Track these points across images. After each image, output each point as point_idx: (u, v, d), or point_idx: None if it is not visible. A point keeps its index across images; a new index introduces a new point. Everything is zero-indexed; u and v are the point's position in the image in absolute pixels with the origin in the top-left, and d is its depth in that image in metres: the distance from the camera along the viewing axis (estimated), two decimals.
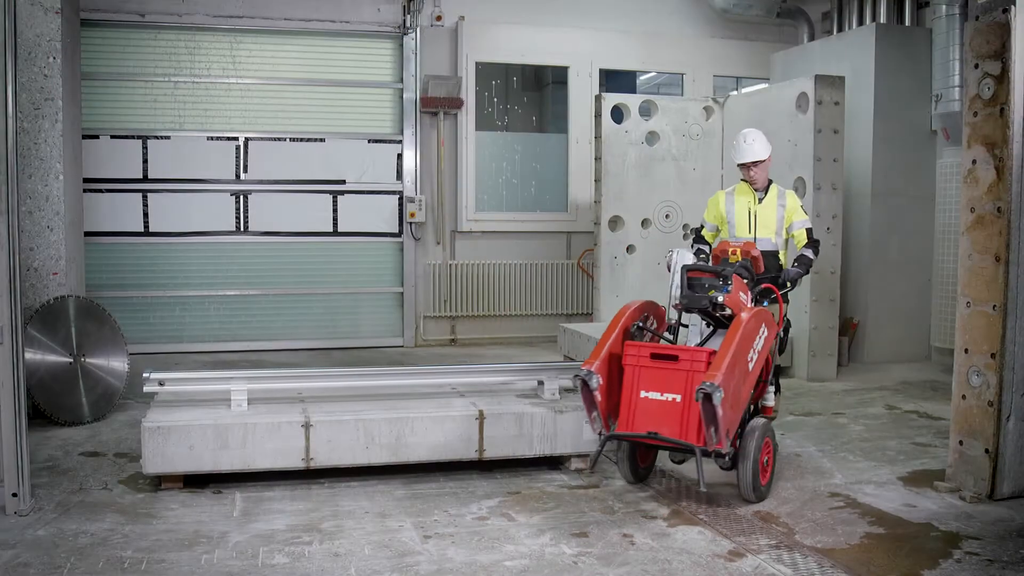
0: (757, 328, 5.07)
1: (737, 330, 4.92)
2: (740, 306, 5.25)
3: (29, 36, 7.24)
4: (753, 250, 5.66)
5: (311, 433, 5.34)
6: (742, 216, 6.29)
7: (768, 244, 6.19)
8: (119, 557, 4.26)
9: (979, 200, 5.22)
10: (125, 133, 10.00)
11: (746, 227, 6.26)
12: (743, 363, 4.89)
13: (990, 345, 5.13)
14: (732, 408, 4.75)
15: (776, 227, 6.24)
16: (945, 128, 9.52)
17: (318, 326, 10.63)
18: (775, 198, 6.28)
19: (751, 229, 6.25)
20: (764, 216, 6.26)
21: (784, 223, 6.24)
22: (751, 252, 5.65)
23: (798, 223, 6.24)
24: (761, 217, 6.26)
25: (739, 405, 4.91)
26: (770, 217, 6.24)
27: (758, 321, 5.09)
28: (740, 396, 4.90)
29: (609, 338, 5.28)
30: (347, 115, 10.68)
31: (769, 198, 6.29)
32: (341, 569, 4.17)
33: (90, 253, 9.21)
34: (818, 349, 8.91)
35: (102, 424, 6.86)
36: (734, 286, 5.24)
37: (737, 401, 4.86)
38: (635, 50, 11.41)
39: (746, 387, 4.98)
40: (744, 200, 6.32)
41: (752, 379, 5.07)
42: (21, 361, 4.81)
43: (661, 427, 4.91)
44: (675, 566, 4.25)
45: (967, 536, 4.63)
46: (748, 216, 6.27)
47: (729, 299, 5.24)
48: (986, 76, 5.17)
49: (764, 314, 5.21)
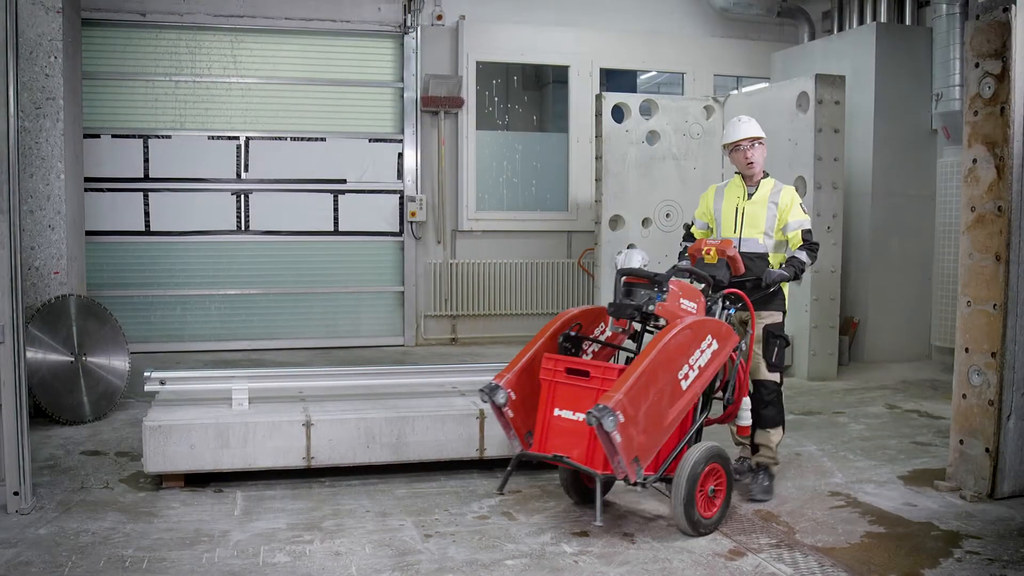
0: (694, 341, 4.55)
1: (656, 344, 4.43)
2: (676, 316, 4.70)
3: (30, 35, 7.24)
4: (729, 249, 5.14)
5: (312, 432, 5.35)
6: (728, 213, 5.56)
7: (755, 245, 5.45)
8: (120, 556, 4.26)
9: (979, 199, 5.22)
10: (126, 132, 10.00)
11: (731, 225, 5.53)
12: (665, 381, 4.40)
13: (990, 344, 5.14)
14: (645, 433, 4.31)
15: (765, 226, 5.45)
16: (945, 127, 9.53)
17: (319, 325, 10.63)
18: (767, 194, 5.49)
19: (737, 227, 5.50)
20: (752, 213, 5.48)
21: (777, 223, 5.45)
22: (726, 251, 5.14)
23: (794, 223, 5.43)
24: (749, 214, 5.49)
25: (658, 429, 4.41)
26: (759, 215, 5.46)
27: (696, 333, 4.57)
28: (661, 419, 4.40)
29: (530, 349, 4.94)
30: (348, 114, 10.68)
31: (760, 194, 5.50)
32: (342, 568, 4.17)
33: (91, 252, 9.22)
34: (818, 348, 8.91)
35: (103, 423, 6.87)
36: (671, 294, 4.75)
37: (655, 425, 4.38)
38: (636, 49, 11.42)
39: (675, 408, 4.47)
40: (733, 195, 5.59)
41: (686, 399, 4.52)
42: (22, 360, 4.81)
43: (571, 449, 4.55)
44: (675, 565, 4.26)
45: (967, 535, 4.64)
46: (735, 213, 5.53)
47: (663, 308, 4.73)
48: (986, 75, 5.17)
49: (708, 325, 4.68)
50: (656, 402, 4.36)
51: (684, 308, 4.79)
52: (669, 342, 4.43)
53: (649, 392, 4.32)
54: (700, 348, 4.58)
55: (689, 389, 4.53)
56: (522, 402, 4.84)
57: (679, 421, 4.54)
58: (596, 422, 4.12)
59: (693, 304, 4.86)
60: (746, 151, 5.46)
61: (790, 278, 5.30)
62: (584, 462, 4.50)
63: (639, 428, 4.26)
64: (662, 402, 4.39)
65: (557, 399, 4.69)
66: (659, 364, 4.38)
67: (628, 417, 4.19)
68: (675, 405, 4.47)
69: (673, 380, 4.45)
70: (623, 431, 4.17)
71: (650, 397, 4.32)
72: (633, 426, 4.23)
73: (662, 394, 4.39)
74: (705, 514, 4.60)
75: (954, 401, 5.39)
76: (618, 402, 4.16)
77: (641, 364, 4.33)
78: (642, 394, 4.28)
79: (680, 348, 4.48)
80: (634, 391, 4.24)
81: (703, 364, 4.59)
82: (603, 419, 4.11)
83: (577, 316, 5.09)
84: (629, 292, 4.91)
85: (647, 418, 4.31)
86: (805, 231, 5.42)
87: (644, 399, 4.29)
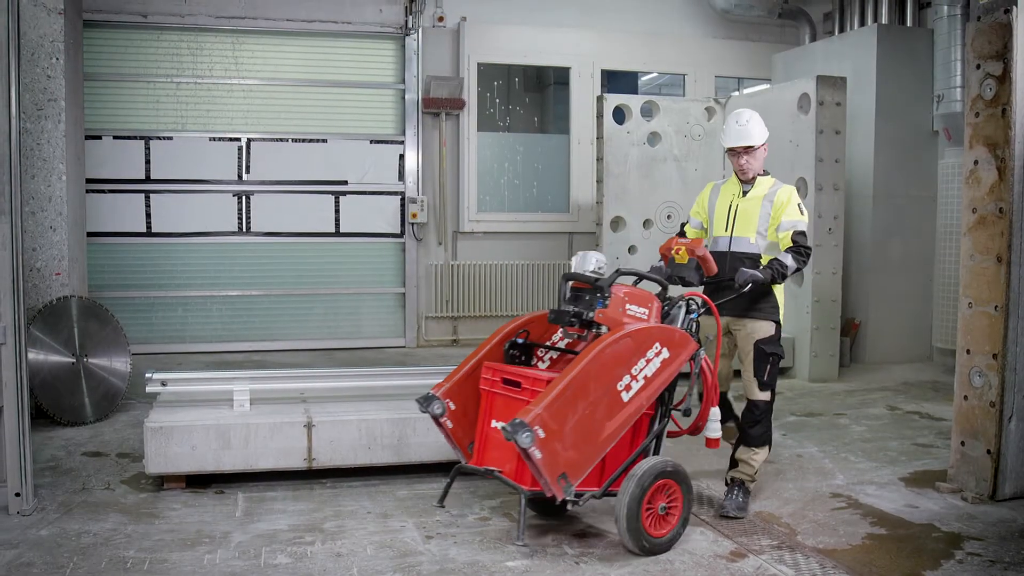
0: (637, 350, 4.29)
1: (587, 354, 4.18)
2: (619, 323, 4.44)
3: (32, 37, 7.25)
4: (699, 248, 4.89)
5: (313, 433, 5.35)
6: (722, 210, 5.23)
7: (747, 245, 5.10)
8: (122, 557, 4.27)
9: (981, 201, 5.22)
10: (127, 134, 10.00)
11: (724, 224, 5.19)
12: (600, 393, 4.15)
13: (992, 346, 5.14)
14: (575, 448, 4.08)
15: (758, 225, 5.09)
16: (947, 128, 9.53)
17: (320, 326, 10.63)
18: (763, 193, 5.13)
19: (728, 226, 5.16)
20: (745, 212, 5.13)
21: (771, 222, 5.08)
22: (696, 251, 4.87)
23: (787, 223, 5.03)
24: (742, 212, 5.14)
25: (592, 444, 4.16)
26: (752, 214, 5.11)
27: (639, 341, 4.30)
28: (595, 433, 4.15)
29: (473, 357, 4.76)
30: (349, 116, 10.68)
31: (755, 192, 5.16)
32: (343, 569, 4.17)
33: (92, 253, 9.22)
34: (820, 350, 8.91)
35: (104, 424, 6.87)
36: (615, 300, 4.51)
37: (588, 440, 4.13)
38: (637, 51, 11.42)
39: (614, 422, 4.21)
40: (729, 192, 5.27)
41: (628, 412, 4.26)
42: (24, 361, 4.82)
43: (504, 464, 4.38)
44: (677, 566, 4.26)
45: (969, 537, 4.64)
46: (728, 211, 5.20)
47: (604, 315, 4.49)
48: (988, 76, 5.18)
49: (655, 332, 4.40)
50: (588, 415, 4.12)
51: (631, 314, 4.53)
52: (603, 351, 4.19)
53: (578, 405, 4.08)
54: (645, 357, 4.32)
55: (632, 401, 4.27)
56: (463, 412, 4.70)
57: (620, 435, 4.28)
58: (511, 438, 3.93)
59: (643, 310, 4.58)
60: (740, 156, 5.14)
61: (763, 281, 4.88)
62: (514, 477, 4.32)
63: (566, 443, 4.04)
64: (596, 415, 4.15)
65: (494, 410, 4.53)
66: (590, 375, 4.13)
67: (551, 432, 3.98)
68: (614, 418, 4.21)
69: (610, 392, 4.20)
70: (544, 447, 3.97)
71: (579, 410, 4.09)
72: (557, 441, 4.01)
73: (596, 407, 4.15)
74: (654, 533, 4.36)
75: (955, 403, 5.39)
76: (536, 416, 3.96)
77: (567, 376, 4.10)
78: (568, 407, 4.06)
79: (618, 358, 4.23)
80: (557, 404, 4.03)
81: (650, 374, 4.33)
82: (517, 435, 3.91)
83: (525, 323, 4.89)
84: (576, 298, 4.72)
85: (577, 432, 4.09)
86: (797, 233, 5.01)
87: (571, 412, 4.06)
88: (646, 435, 4.56)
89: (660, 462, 4.39)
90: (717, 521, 4.88)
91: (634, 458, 4.47)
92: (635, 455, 4.49)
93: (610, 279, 4.60)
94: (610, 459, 4.39)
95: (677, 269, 4.95)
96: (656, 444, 4.60)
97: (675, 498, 4.43)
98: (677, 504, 4.45)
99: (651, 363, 4.34)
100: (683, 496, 4.45)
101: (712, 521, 4.88)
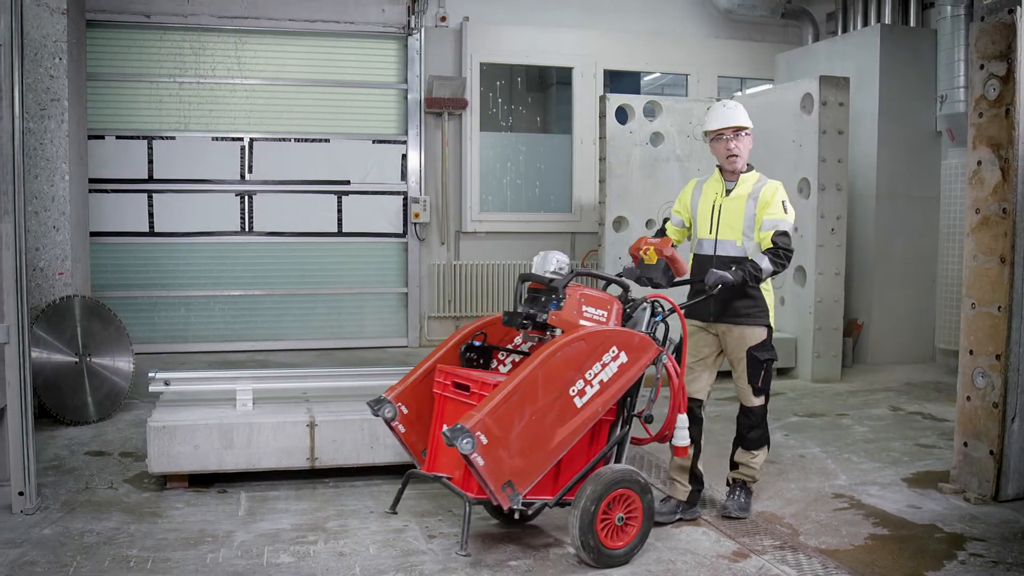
0: (591, 354, 4.09)
1: (535, 358, 4.00)
2: (574, 326, 4.24)
3: (35, 37, 7.26)
4: (667, 249, 4.66)
5: (316, 433, 5.35)
6: (705, 211, 4.92)
7: (732, 248, 4.80)
8: (125, 556, 4.27)
9: (984, 201, 5.22)
10: (130, 134, 10.02)
11: (708, 226, 4.89)
12: (550, 399, 3.97)
13: (995, 346, 5.13)
14: (522, 455, 3.90)
15: (744, 226, 4.79)
16: (950, 129, 9.53)
17: (322, 326, 10.64)
18: (747, 191, 4.81)
19: (713, 227, 4.86)
20: (729, 213, 4.83)
21: (756, 222, 4.77)
22: (664, 251, 4.66)
23: (768, 222, 4.72)
24: (726, 213, 4.84)
25: (542, 452, 3.98)
26: (736, 214, 4.80)
27: (594, 345, 4.11)
28: (544, 440, 3.98)
29: (428, 360, 4.61)
30: (351, 116, 10.69)
31: (740, 190, 4.84)
32: (346, 568, 4.18)
33: (95, 253, 9.23)
34: (822, 350, 8.90)
35: (107, 424, 6.88)
36: (570, 302, 4.29)
37: (536, 447, 3.95)
38: (639, 51, 11.42)
39: (566, 428, 4.02)
40: (712, 191, 4.95)
41: (582, 418, 4.07)
42: (27, 361, 4.82)
43: (454, 470, 4.24)
44: (679, 566, 4.26)
45: (971, 537, 4.63)
46: (712, 212, 4.88)
47: (558, 318, 4.29)
48: (991, 77, 5.17)
49: (612, 336, 4.20)
50: (536, 421, 3.94)
51: (588, 316, 4.32)
52: (552, 355, 4.01)
53: (524, 411, 3.90)
54: (601, 361, 4.12)
55: (587, 407, 4.08)
56: (417, 417, 4.56)
57: (573, 442, 4.08)
58: (451, 443, 3.76)
59: (601, 312, 4.36)
60: (728, 141, 4.84)
61: (733, 283, 4.61)
62: (461, 485, 4.17)
63: (511, 450, 3.87)
64: (545, 421, 3.97)
65: (445, 415, 4.38)
66: (538, 380, 3.95)
67: (494, 438, 3.82)
68: (566, 425, 4.02)
69: (561, 397, 4.02)
70: (487, 453, 3.80)
71: (526, 416, 3.91)
72: (502, 448, 3.84)
73: (545, 412, 3.97)
74: (610, 544, 4.17)
75: (958, 403, 5.38)
76: (479, 422, 3.78)
77: (514, 380, 3.93)
78: (514, 413, 3.88)
79: (571, 361, 4.04)
80: (502, 410, 3.85)
81: (606, 379, 4.13)
82: (458, 440, 3.74)
83: (483, 325, 4.71)
84: (532, 299, 4.49)
85: (524, 439, 3.91)
86: (778, 233, 4.71)
87: (517, 419, 3.88)
88: (606, 442, 4.38)
89: (620, 471, 4.21)
90: (719, 521, 4.87)
91: (592, 465, 4.29)
92: (593, 462, 4.30)
93: (565, 280, 4.36)
94: (565, 466, 4.23)
95: (646, 270, 4.75)
96: (618, 451, 4.41)
97: (634, 509, 4.24)
98: (636, 515, 4.25)
99: (607, 367, 4.14)
100: (643, 507, 4.26)
101: (714, 521, 4.87)
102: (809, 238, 8.82)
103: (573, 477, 4.24)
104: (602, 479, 4.13)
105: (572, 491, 4.21)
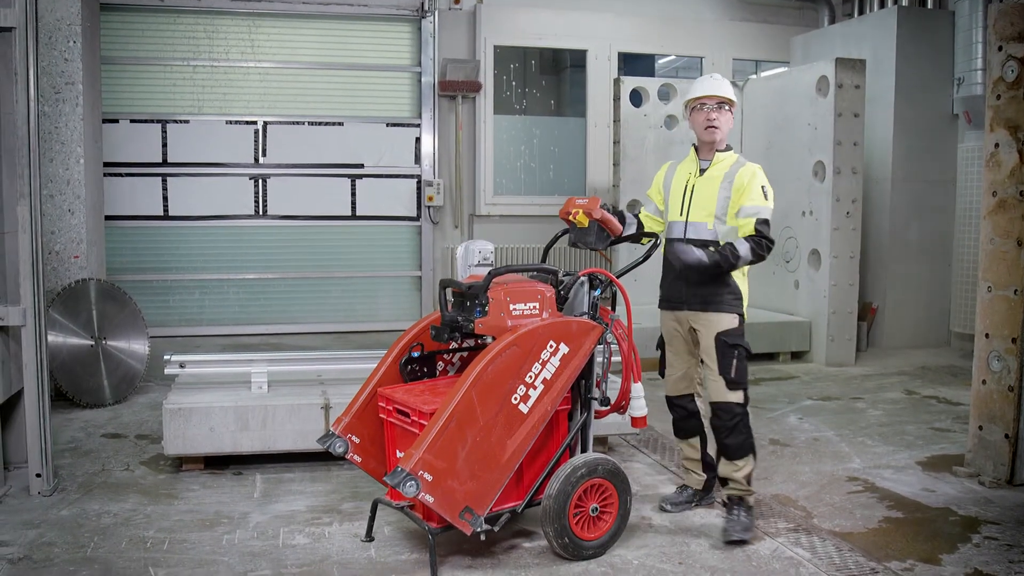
0: (527, 356, 3.85)
1: (466, 379, 3.72)
2: (504, 330, 3.93)
3: (50, 20, 7.28)
4: (595, 211, 4.37)
5: (331, 415, 5.37)
6: (677, 192, 4.62)
7: (703, 231, 4.47)
8: (141, 537, 4.31)
9: (1001, 184, 5.18)
10: (145, 117, 10.04)
11: (679, 208, 4.58)
12: (492, 414, 3.75)
13: (1011, 330, 5.11)
14: (474, 479, 3.70)
15: (716, 209, 4.45)
16: (967, 111, 9.45)
17: (336, 309, 10.67)
18: (722, 172, 4.50)
19: (684, 209, 4.55)
20: (701, 193, 4.52)
21: (730, 206, 4.43)
22: (593, 213, 4.37)
23: (748, 209, 4.38)
24: (698, 195, 4.53)
25: (494, 468, 3.77)
26: (709, 196, 4.48)
27: (527, 346, 3.85)
28: (495, 456, 3.76)
29: (369, 384, 4.26)
30: (365, 99, 10.68)
31: (714, 170, 4.52)
32: (360, 549, 4.20)
33: (110, 236, 9.28)
34: (837, 334, 8.87)
35: (123, 406, 6.93)
36: (494, 304, 3.96)
37: (488, 465, 3.75)
38: (654, 33, 11.35)
39: (516, 438, 3.82)
40: (685, 171, 4.65)
41: (531, 423, 3.87)
42: (44, 343, 4.86)
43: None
44: (693, 548, 4.26)
45: (986, 521, 4.62)
46: (684, 192, 4.58)
47: (485, 324, 3.98)
48: (1010, 59, 5.12)
49: (545, 330, 3.93)
50: (481, 442, 3.72)
51: (518, 314, 3.98)
52: (484, 371, 3.74)
53: (465, 435, 3.67)
54: (540, 360, 3.89)
55: (534, 410, 3.87)
56: (371, 442, 4.25)
57: (527, 449, 3.88)
58: (397, 488, 3.56)
59: (532, 305, 4.02)
60: (710, 112, 4.50)
61: (707, 264, 4.32)
62: (422, 515, 3.99)
63: (461, 477, 3.67)
64: (491, 438, 3.75)
65: (396, 441, 4.12)
66: (472, 401, 3.70)
67: (439, 472, 3.60)
68: (515, 434, 3.82)
69: (504, 409, 3.79)
70: (435, 489, 3.59)
71: (469, 440, 3.68)
72: (450, 479, 3.64)
73: (489, 430, 3.74)
74: (585, 536, 4.03)
75: (973, 387, 5.36)
76: (419, 461, 3.56)
77: (446, 408, 3.66)
78: (455, 441, 3.65)
79: (506, 370, 3.80)
80: (440, 442, 3.62)
81: (550, 376, 3.91)
82: (402, 486, 3.53)
83: (417, 335, 4.35)
84: (460, 304, 4.17)
85: (472, 462, 3.70)
86: (760, 221, 4.36)
87: (460, 445, 3.66)
88: (567, 431, 4.18)
89: (591, 460, 4.04)
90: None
91: (556, 459, 4.11)
92: (556, 456, 4.11)
93: (483, 285, 4.01)
94: (527, 467, 4.04)
95: (579, 235, 4.49)
96: (583, 438, 4.21)
97: (608, 498, 4.11)
98: (612, 505, 4.13)
99: (548, 364, 3.92)
100: (619, 496, 4.13)
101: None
102: (824, 221, 8.77)
103: (538, 477, 4.07)
104: (572, 471, 3.97)
105: (541, 489, 4.05)
